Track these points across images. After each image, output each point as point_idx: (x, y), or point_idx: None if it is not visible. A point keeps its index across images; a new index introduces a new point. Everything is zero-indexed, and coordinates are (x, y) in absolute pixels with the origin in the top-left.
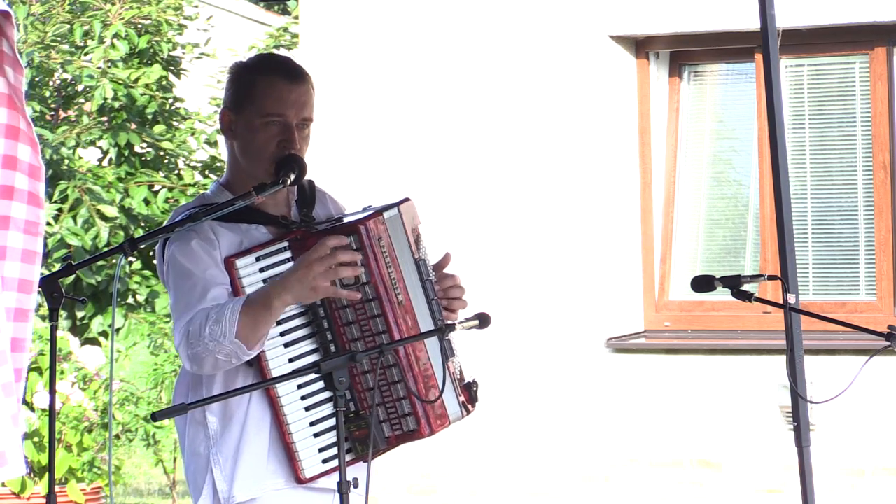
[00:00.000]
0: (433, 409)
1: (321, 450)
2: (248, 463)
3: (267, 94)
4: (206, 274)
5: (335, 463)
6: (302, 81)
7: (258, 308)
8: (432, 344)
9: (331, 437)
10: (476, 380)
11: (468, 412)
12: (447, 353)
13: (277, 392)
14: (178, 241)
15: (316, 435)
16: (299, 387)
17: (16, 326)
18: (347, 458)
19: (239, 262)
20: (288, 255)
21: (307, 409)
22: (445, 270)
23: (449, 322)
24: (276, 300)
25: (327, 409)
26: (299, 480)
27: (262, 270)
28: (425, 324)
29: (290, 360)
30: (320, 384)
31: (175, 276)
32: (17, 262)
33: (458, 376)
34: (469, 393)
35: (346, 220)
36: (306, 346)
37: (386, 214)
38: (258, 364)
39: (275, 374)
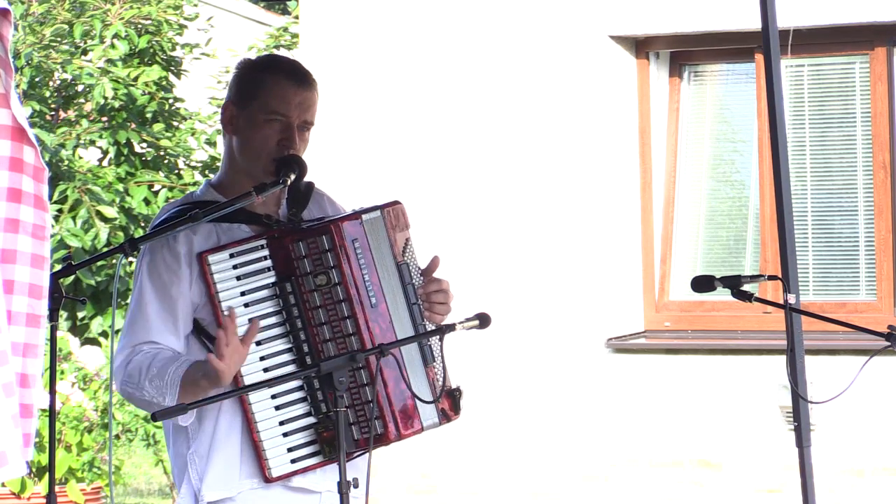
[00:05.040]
0: (403, 414)
1: (290, 449)
2: (220, 463)
3: (274, 92)
4: (151, 313)
5: (305, 463)
6: (309, 87)
7: (189, 387)
8: (410, 349)
9: (301, 438)
10: (460, 387)
11: (448, 419)
12: (427, 358)
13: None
14: (150, 256)
15: (285, 434)
16: (269, 385)
17: (28, 332)
18: (315, 460)
19: (211, 258)
20: (265, 252)
21: (277, 408)
22: (434, 275)
23: (448, 323)
24: (205, 381)
25: (299, 409)
26: (266, 479)
27: (235, 267)
28: (403, 328)
29: (262, 359)
30: (292, 384)
31: (135, 296)
32: (26, 266)
33: (440, 382)
34: (451, 400)
35: (325, 220)
36: (279, 345)
37: (365, 216)
38: None
39: (245, 372)
